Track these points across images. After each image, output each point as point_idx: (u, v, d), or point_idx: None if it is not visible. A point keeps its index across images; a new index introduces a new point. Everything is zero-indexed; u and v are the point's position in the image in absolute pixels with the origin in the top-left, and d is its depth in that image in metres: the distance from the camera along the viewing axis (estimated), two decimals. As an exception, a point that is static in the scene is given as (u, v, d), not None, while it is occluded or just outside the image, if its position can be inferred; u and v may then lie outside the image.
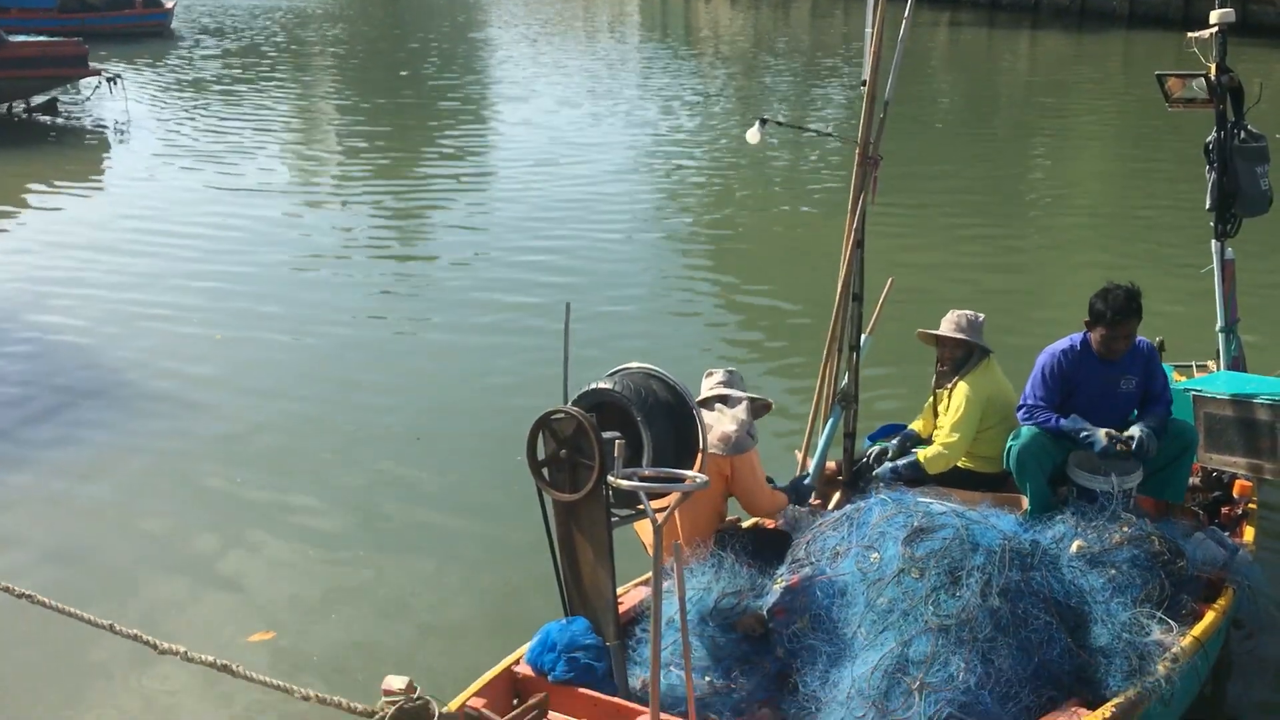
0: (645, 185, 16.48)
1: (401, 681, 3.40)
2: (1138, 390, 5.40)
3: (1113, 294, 5.21)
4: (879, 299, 6.20)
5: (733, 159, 18.15)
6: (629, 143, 19.33)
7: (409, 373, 9.41)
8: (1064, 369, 5.35)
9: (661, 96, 24.50)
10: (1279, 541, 6.51)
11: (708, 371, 5.41)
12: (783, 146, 18.71)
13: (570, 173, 16.72)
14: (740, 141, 17.04)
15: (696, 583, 4.59)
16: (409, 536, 6.85)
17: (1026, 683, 4.09)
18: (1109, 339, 5.24)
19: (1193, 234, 7.10)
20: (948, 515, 4.52)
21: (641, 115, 22.01)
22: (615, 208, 14.82)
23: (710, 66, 29.94)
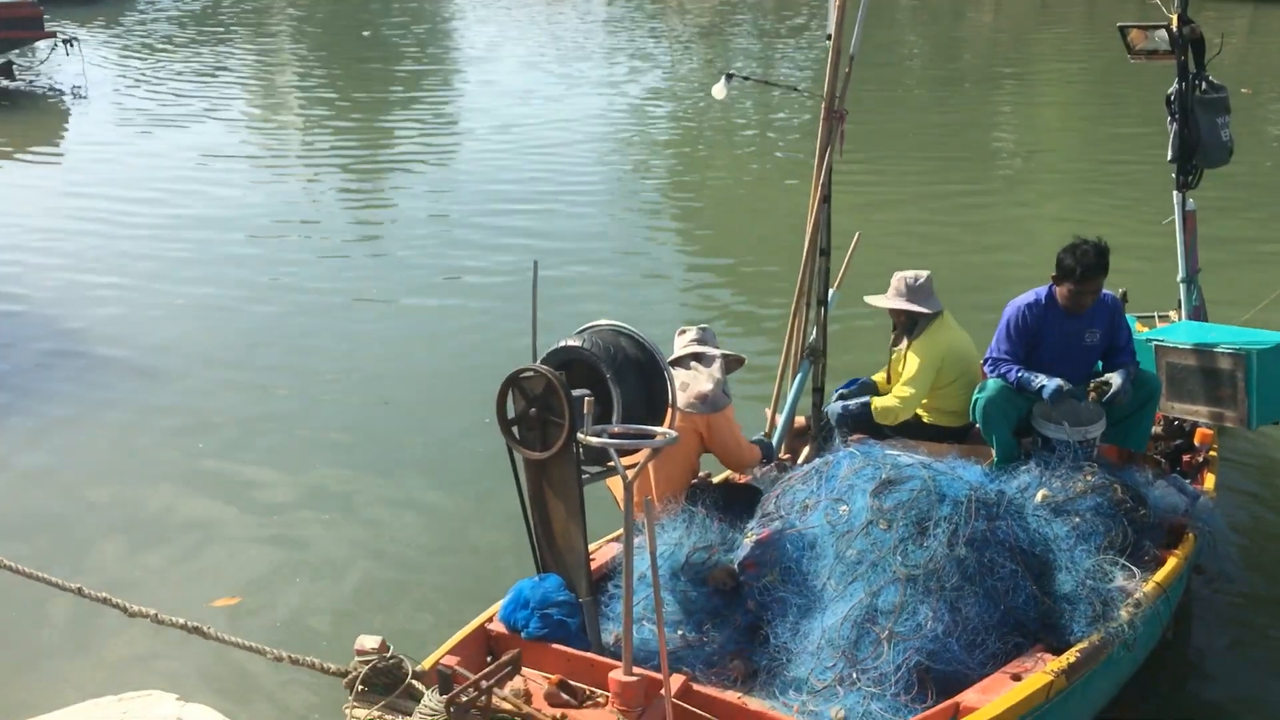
0: (612, 144, 16.39)
1: (374, 641, 3.42)
2: (1101, 343, 5.44)
3: (1082, 250, 5.22)
4: (846, 254, 6.21)
5: (700, 116, 18.08)
6: (595, 102, 19.20)
7: (376, 337, 9.37)
8: (1028, 322, 5.38)
9: (628, 55, 24.33)
10: (1239, 488, 6.63)
11: (680, 329, 5.41)
12: (750, 103, 18.64)
13: (536, 134, 16.60)
14: (707, 98, 17.00)
15: (668, 538, 4.62)
16: (378, 499, 6.84)
17: (993, 630, 4.16)
18: (1077, 294, 5.27)
19: (1155, 186, 7.15)
20: (915, 467, 4.56)
21: (608, 74, 21.86)
22: (582, 167, 14.76)
23: (677, 24, 29.70)
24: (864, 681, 3.97)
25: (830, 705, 3.93)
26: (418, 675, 3.43)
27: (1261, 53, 24.14)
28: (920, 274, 5.71)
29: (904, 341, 5.79)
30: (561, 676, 4.03)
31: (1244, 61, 22.48)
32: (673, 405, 4.55)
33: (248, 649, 3.58)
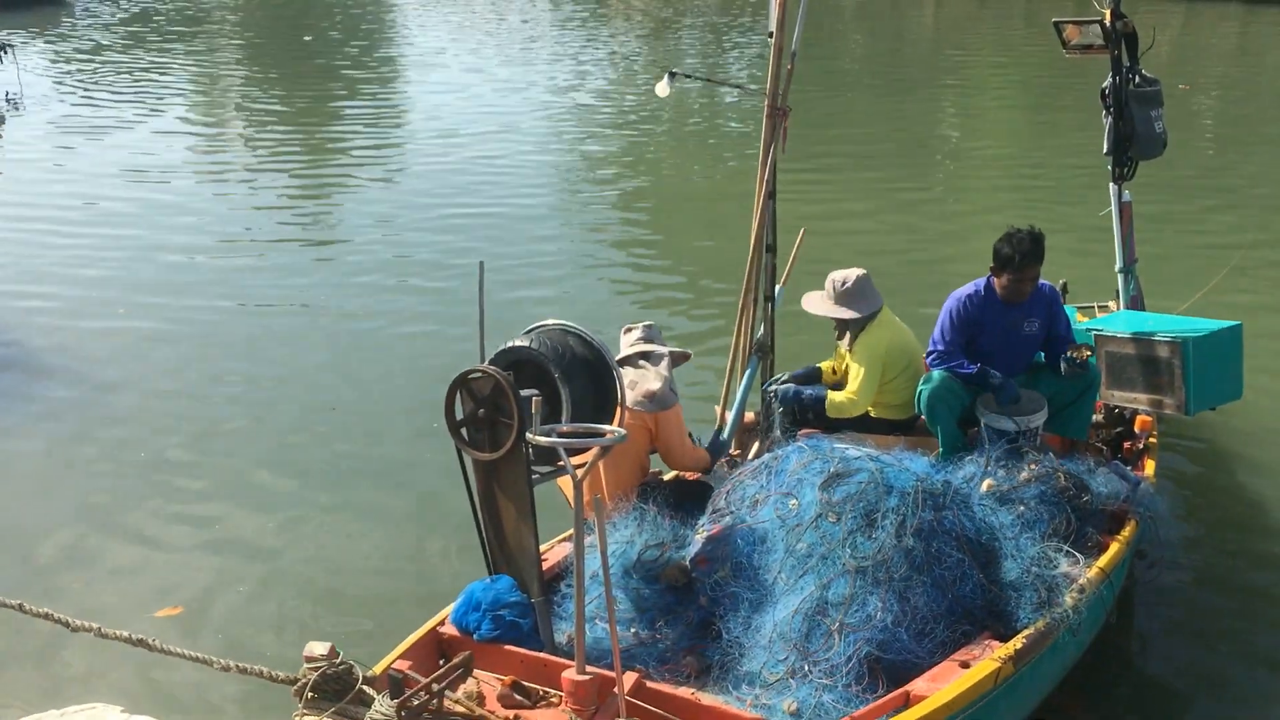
0: (558, 146, 16.37)
1: (323, 647, 3.39)
2: (1040, 332, 5.52)
3: (1017, 238, 5.30)
4: (792, 250, 6.25)
5: (645, 116, 18.10)
6: (540, 104, 19.16)
7: (321, 343, 9.27)
8: (968, 313, 5.46)
9: (573, 56, 24.31)
10: (1178, 473, 6.76)
11: (626, 327, 5.41)
12: (695, 102, 18.70)
13: (481, 136, 16.52)
14: (653, 98, 17.06)
15: (620, 536, 4.62)
16: (325, 505, 6.77)
17: (941, 618, 4.21)
18: (1015, 282, 5.34)
19: (1093, 178, 7.28)
20: (862, 460, 4.61)
21: (553, 76, 21.82)
22: (528, 169, 14.72)
23: (622, 25, 29.72)
24: (816, 673, 4.00)
25: (783, 698, 3.96)
26: (368, 681, 3.40)
27: (1196, 50, 24.63)
28: (850, 275, 5.72)
29: (847, 337, 5.84)
30: (515, 677, 4.03)
31: (1180, 59, 22.93)
32: (622, 404, 4.55)
33: (194, 660, 3.53)
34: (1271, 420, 7.33)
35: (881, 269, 6.85)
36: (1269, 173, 14.30)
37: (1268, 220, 12.00)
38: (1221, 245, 10.68)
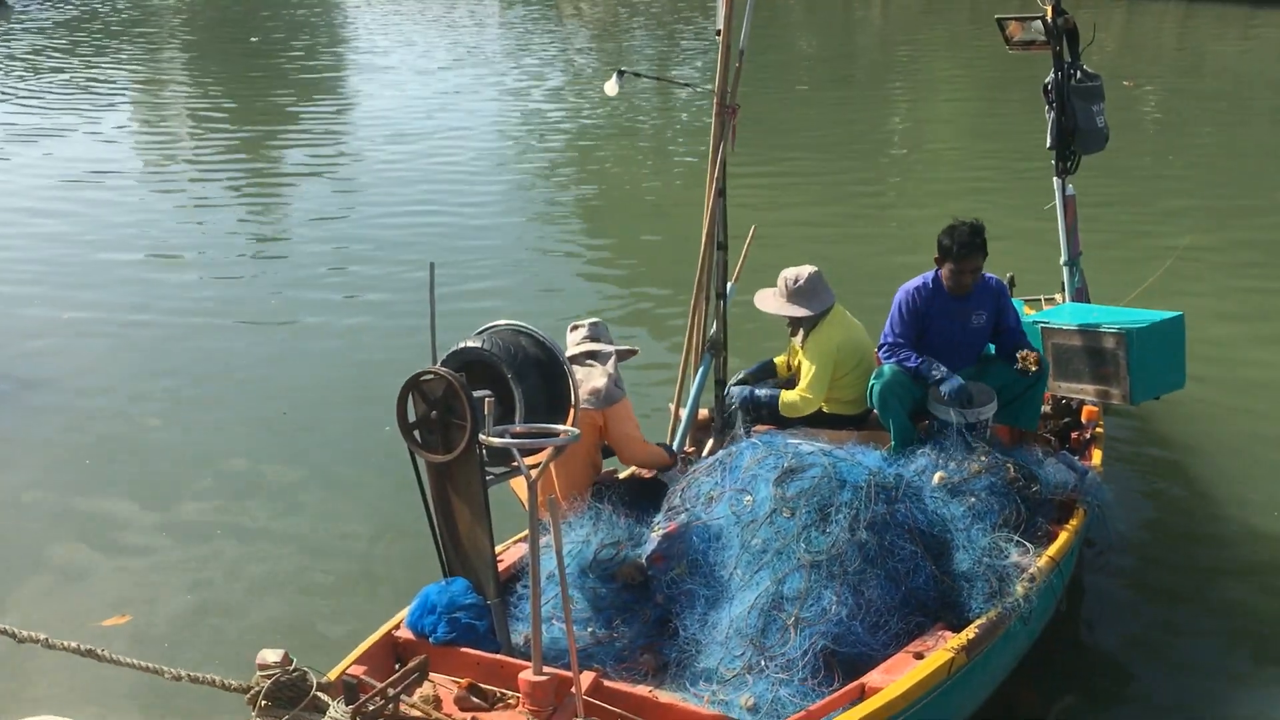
0: (508, 146, 16.32)
1: (276, 654, 3.35)
2: (989, 324, 5.60)
3: (958, 230, 5.39)
4: (743, 246, 6.27)
5: (595, 115, 18.09)
6: (490, 105, 19.09)
7: (271, 347, 9.17)
8: (917, 305, 5.52)
9: (522, 57, 24.22)
10: (1125, 463, 6.88)
11: (572, 325, 5.42)
12: (645, 100, 18.72)
13: (430, 137, 16.42)
14: (603, 98, 17.01)
15: (575, 536, 4.62)
16: (276, 510, 6.70)
17: (895, 611, 4.26)
18: (956, 273, 5.42)
19: (1039, 173, 7.38)
20: (816, 455, 4.64)
21: (502, 76, 21.74)
22: (479, 170, 14.66)
23: (572, 24, 29.68)
24: (772, 668, 4.03)
25: (740, 693, 3.98)
26: (323, 687, 3.36)
27: (1137, 47, 25.04)
28: (802, 273, 5.76)
29: (800, 333, 5.88)
30: (471, 680, 4.02)
31: (1122, 55, 23.29)
32: (575, 403, 4.55)
33: (144, 669, 3.47)
34: (1213, 409, 7.48)
35: (833, 265, 6.90)
36: (1209, 167, 14.58)
37: (1208, 213, 12.23)
38: (1164, 238, 10.87)
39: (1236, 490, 6.59)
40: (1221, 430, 7.29)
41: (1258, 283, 10.08)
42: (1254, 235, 11.44)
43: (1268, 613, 5.48)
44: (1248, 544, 6.03)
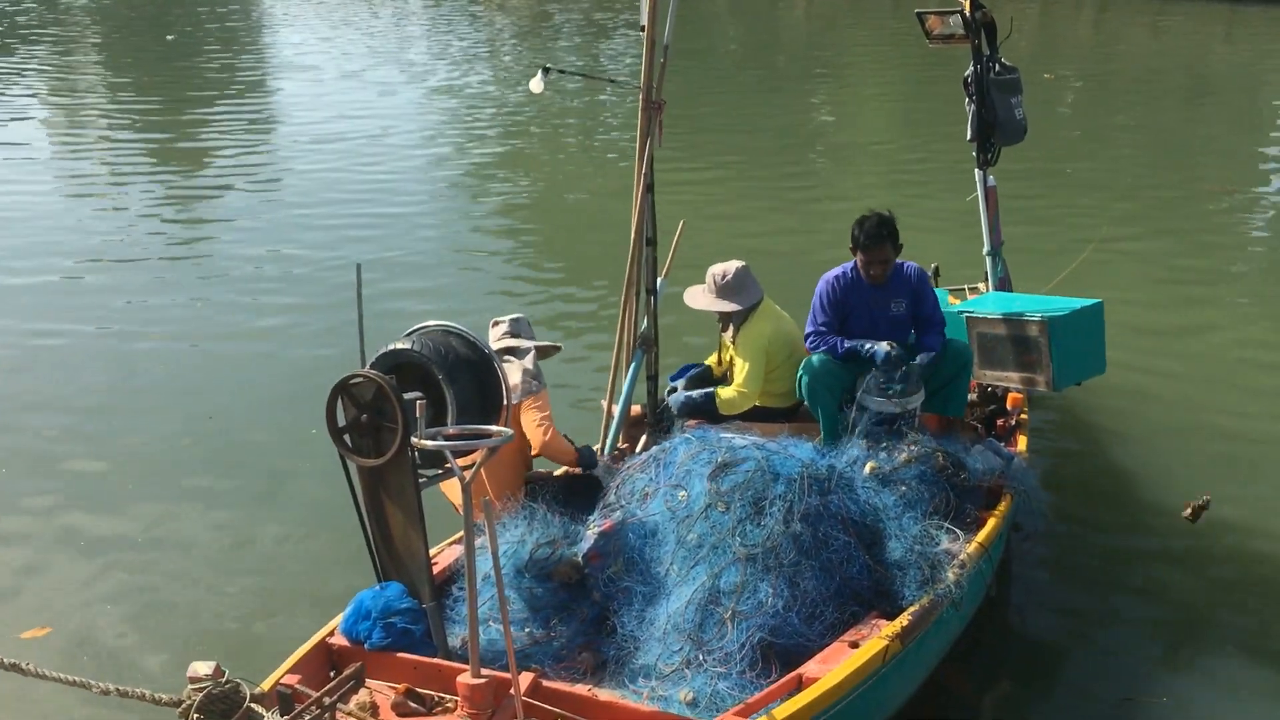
0: (435, 145, 16.16)
1: (208, 667, 3.30)
2: (909, 313, 5.65)
3: (867, 221, 5.49)
4: (672, 242, 6.29)
5: (523, 113, 18.00)
6: (416, 104, 18.91)
7: (196, 352, 8.99)
8: (836, 294, 5.61)
9: (446, 55, 24.03)
10: (1049, 447, 7.03)
11: (493, 320, 5.41)
12: (573, 96, 18.67)
13: (355, 137, 16.19)
14: (530, 95, 16.92)
15: (510, 536, 4.60)
16: (204, 516, 6.57)
17: (830, 601, 4.29)
18: (867, 263, 5.52)
19: (962, 165, 7.51)
20: (749, 448, 4.67)
21: (427, 75, 21.54)
22: (406, 170, 14.50)
23: (499, 22, 29.48)
24: (710, 662, 4.04)
25: (678, 688, 3.99)
26: (256, 698, 3.32)
27: (1054, 39, 25.54)
28: (729, 269, 5.81)
29: (730, 329, 5.92)
30: (409, 685, 3.97)
31: (1039, 48, 23.75)
32: (507, 403, 4.53)
33: (71, 684, 3.38)
34: (1132, 393, 7.67)
35: (761, 259, 6.95)
36: (1125, 158, 14.94)
37: (1125, 202, 12.54)
38: (1083, 227, 11.10)
39: (1157, 473, 6.77)
40: (1142, 414, 7.48)
41: (1173, 270, 10.37)
42: (1169, 223, 11.76)
43: (1187, 592, 5.64)
44: (1168, 526, 6.18)
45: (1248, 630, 5.29)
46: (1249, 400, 7.73)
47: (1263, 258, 10.99)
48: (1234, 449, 7.05)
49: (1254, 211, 12.48)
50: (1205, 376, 8.11)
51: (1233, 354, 8.53)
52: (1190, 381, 8.03)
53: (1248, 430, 7.29)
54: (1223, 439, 7.18)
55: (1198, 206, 12.42)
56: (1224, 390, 7.89)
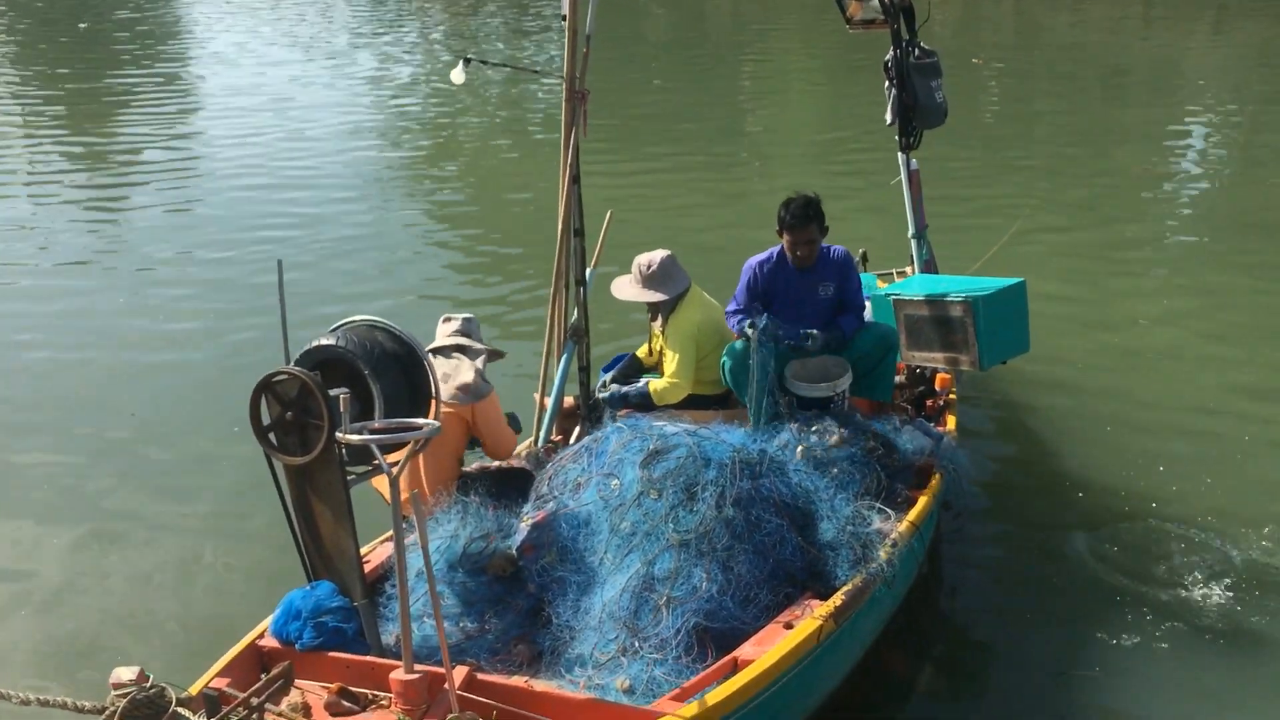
0: (358, 137, 15.95)
1: (131, 672, 3.23)
2: (835, 296, 5.70)
3: (793, 202, 5.54)
4: (600, 233, 6.27)
5: (448, 105, 17.86)
6: (338, 95, 18.66)
7: (116, 351, 8.79)
8: (761, 277, 5.65)
9: (371, 46, 23.74)
10: (977, 426, 7.14)
11: (445, 317, 5.37)
12: (497, 87, 18.57)
13: (279, 134, 15.94)
14: (455, 87, 16.77)
15: (443, 531, 4.58)
16: (129, 519, 6.43)
17: (764, 583, 4.32)
18: (793, 244, 5.56)
19: (888, 149, 7.57)
20: (680, 435, 4.68)
21: (349, 67, 21.27)
22: (329, 165, 14.30)
23: (418, 11, 29.18)
24: (646, 649, 4.05)
25: (615, 676, 3.99)
26: (183, 702, 3.25)
27: (974, 24, 25.87)
28: (655, 258, 5.82)
29: (659, 319, 5.93)
30: (341, 684, 3.92)
31: (960, 33, 24.08)
32: (436, 396, 4.49)
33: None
34: (1056, 369, 7.81)
35: (689, 248, 6.97)
36: (1044, 140, 15.21)
37: (1045, 183, 12.78)
38: (1005, 207, 11.29)
39: (1082, 448, 6.91)
40: (1066, 390, 7.62)
41: (1094, 249, 10.57)
42: (1087, 203, 12.00)
43: (1115, 564, 5.74)
44: (1094, 500, 6.32)
45: (1175, 600, 5.41)
46: (1169, 374, 7.93)
47: (1180, 237, 11.26)
48: (1155, 421, 7.22)
49: (1171, 192, 12.78)
50: (1126, 352, 8.30)
51: (1153, 330, 8.73)
52: (1112, 357, 8.20)
53: (1168, 402, 7.47)
54: (1144, 411, 7.35)
55: (1118, 188, 12.69)
56: (1145, 365, 8.08)
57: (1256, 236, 10.95)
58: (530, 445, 5.80)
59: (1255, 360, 8.15)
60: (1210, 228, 11.54)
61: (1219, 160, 14.50)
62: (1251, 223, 11.44)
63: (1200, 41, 23.37)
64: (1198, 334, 8.64)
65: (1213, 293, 9.46)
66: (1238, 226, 11.42)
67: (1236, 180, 13.40)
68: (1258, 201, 12.26)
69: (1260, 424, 7.13)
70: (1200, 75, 19.89)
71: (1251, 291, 9.43)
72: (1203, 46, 22.85)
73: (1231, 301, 9.26)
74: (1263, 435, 7.00)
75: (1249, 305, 9.17)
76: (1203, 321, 8.86)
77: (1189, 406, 7.43)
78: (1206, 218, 11.94)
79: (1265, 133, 15.69)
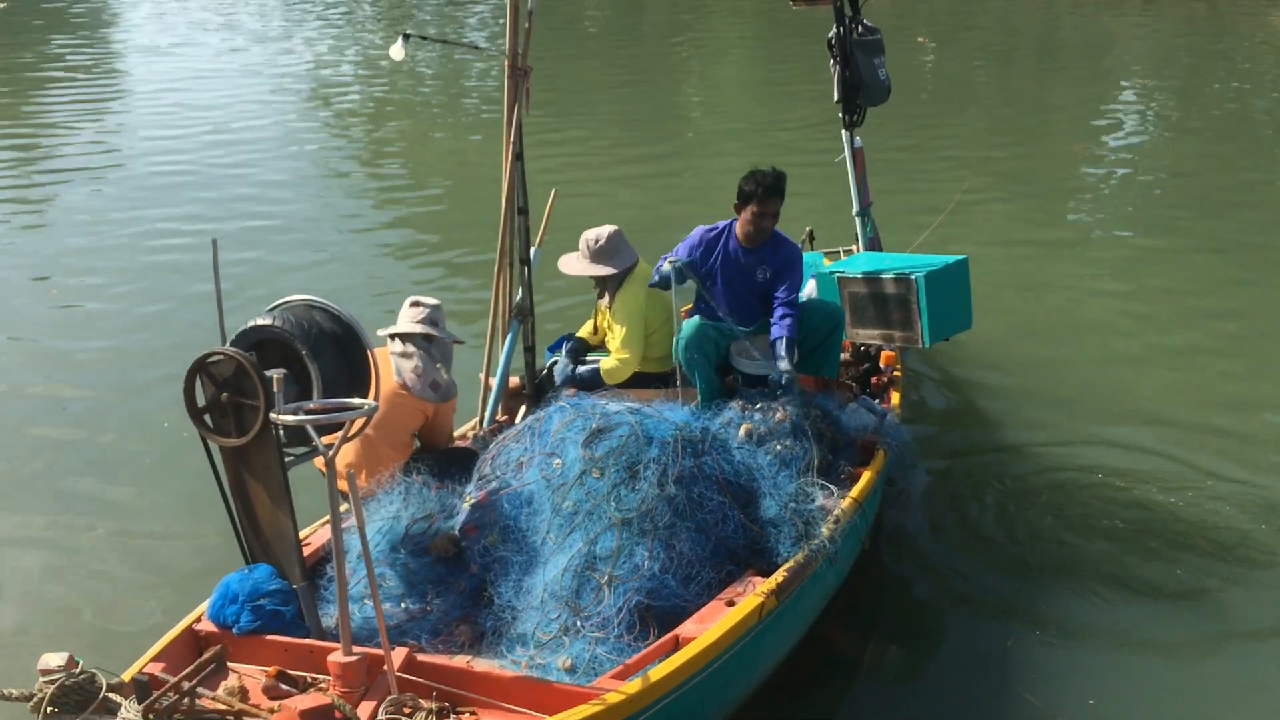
0: (295, 116, 15.71)
1: (60, 658, 3.17)
2: (772, 283, 5.58)
3: (760, 173, 5.43)
4: (544, 210, 6.23)
5: (387, 83, 17.64)
6: (273, 73, 18.34)
7: (45, 336, 8.58)
8: (706, 243, 5.58)
9: (303, 23, 23.36)
10: (921, 403, 7.21)
11: (412, 301, 5.24)
12: (438, 64, 18.37)
13: (212, 114, 15.59)
14: (394, 66, 16.59)
15: (385, 512, 4.53)
16: (63, 508, 6.28)
17: (706, 561, 4.32)
18: (758, 216, 5.44)
19: (831, 127, 7.59)
20: (623, 414, 4.66)
21: (283, 44, 20.92)
22: (268, 146, 14.04)
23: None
24: (588, 628, 4.04)
25: (557, 655, 3.97)
26: (114, 688, 3.20)
27: (912, 3, 25.94)
28: (602, 233, 5.78)
29: (606, 296, 5.90)
30: (279, 667, 3.88)
31: (900, 10, 24.15)
32: (375, 377, 4.43)
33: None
34: (997, 345, 7.89)
35: (634, 225, 6.92)
36: (985, 117, 15.35)
37: (983, 160, 12.90)
38: (946, 184, 11.36)
39: (1024, 422, 6.99)
40: (1007, 366, 7.71)
41: (1033, 225, 10.72)
42: (1027, 179, 12.16)
43: (1057, 536, 5.82)
44: (1037, 473, 6.40)
45: (1117, 570, 5.50)
46: (1108, 344, 8.06)
47: (1113, 211, 11.45)
48: (1095, 392, 7.32)
49: (1105, 166, 12.98)
50: (1065, 325, 8.42)
51: (1089, 303, 8.87)
52: (1052, 330, 8.32)
53: (1108, 373, 7.59)
54: (1084, 382, 7.46)
55: (1054, 164, 12.86)
56: (1083, 337, 8.20)
57: (1186, 205, 11.21)
58: (475, 426, 5.77)
59: (1193, 325, 8.37)
60: (1143, 199, 11.80)
61: (1148, 134, 14.78)
62: (1180, 192, 11.70)
63: (1130, 16, 23.69)
64: (1134, 303, 8.82)
65: (1147, 262, 9.68)
66: (1168, 197, 11.67)
67: (1165, 153, 13.67)
68: (1186, 170, 12.53)
69: (1199, 386, 7.32)
70: (1130, 50, 20.20)
71: (1185, 259, 9.69)
72: (1132, 21, 23.16)
73: (1165, 270, 9.48)
74: (1203, 396, 7.16)
75: (1183, 273, 9.39)
76: (1138, 290, 9.07)
77: (1129, 376, 7.57)
78: (1139, 190, 12.20)
79: (1192, 104, 15.99)
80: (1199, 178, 12.17)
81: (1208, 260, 9.68)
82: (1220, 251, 9.88)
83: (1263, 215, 10.89)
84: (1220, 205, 11.12)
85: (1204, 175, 12.29)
